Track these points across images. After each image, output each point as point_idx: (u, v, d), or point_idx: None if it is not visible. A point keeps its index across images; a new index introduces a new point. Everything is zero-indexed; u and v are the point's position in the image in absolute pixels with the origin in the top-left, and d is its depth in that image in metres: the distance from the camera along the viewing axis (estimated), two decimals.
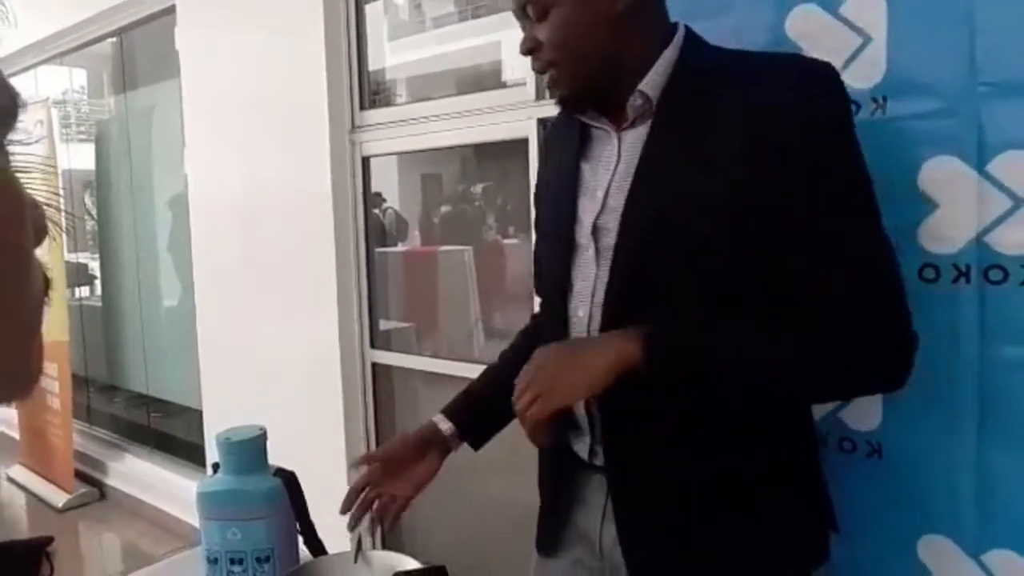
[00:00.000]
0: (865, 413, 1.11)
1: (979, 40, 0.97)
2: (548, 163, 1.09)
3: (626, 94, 0.90)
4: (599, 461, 0.97)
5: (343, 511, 1.08)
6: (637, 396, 0.86)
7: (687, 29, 0.93)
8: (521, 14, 0.92)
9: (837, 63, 1.08)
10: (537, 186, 1.13)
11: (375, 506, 1.09)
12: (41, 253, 0.36)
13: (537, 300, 1.14)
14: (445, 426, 1.11)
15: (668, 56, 0.90)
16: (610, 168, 0.93)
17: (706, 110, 0.86)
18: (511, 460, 1.38)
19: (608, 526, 0.97)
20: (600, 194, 0.93)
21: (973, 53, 0.97)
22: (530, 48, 0.92)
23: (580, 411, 0.97)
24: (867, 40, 1.06)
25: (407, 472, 1.09)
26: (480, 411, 1.15)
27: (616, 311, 0.90)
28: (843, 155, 0.84)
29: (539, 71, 0.94)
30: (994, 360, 0.99)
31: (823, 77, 0.86)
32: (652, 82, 0.89)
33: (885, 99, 1.05)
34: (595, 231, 0.92)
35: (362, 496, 1.08)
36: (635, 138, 0.91)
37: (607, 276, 0.90)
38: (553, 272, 0.98)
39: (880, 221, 0.85)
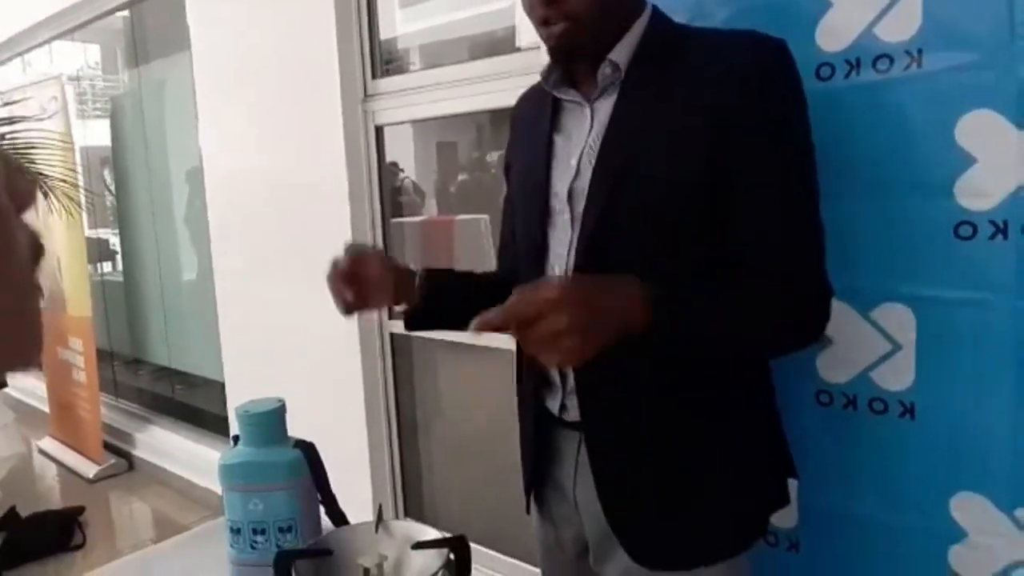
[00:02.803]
0: (897, 373, 1.09)
1: None
2: (518, 139, 1.12)
3: (596, 64, 0.92)
4: (569, 416, 0.99)
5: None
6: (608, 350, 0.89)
7: (654, 6, 0.96)
8: None
9: (870, 15, 1.04)
10: (507, 161, 1.15)
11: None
12: (34, 221, 0.34)
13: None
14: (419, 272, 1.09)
15: (637, 28, 0.93)
16: (583, 137, 0.95)
17: (669, 77, 0.90)
18: None
19: (581, 479, 1.00)
20: (574, 161, 0.96)
21: (1012, 4, 0.94)
22: None
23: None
24: None
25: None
26: (453, 281, 1.17)
27: (585, 270, 0.93)
28: (792, 125, 0.88)
29: (554, 19, 0.89)
30: None
31: (776, 50, 0.89)
32: (622, 51, 0.92)
33: (920, 52, 1.01)
34: (570, 196, 0.96)
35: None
36: (607, 107, 0.94)
37: (577, 238, 0.94)
38: (532, 237, 1.01)
39: (815, 189, 0.89)
